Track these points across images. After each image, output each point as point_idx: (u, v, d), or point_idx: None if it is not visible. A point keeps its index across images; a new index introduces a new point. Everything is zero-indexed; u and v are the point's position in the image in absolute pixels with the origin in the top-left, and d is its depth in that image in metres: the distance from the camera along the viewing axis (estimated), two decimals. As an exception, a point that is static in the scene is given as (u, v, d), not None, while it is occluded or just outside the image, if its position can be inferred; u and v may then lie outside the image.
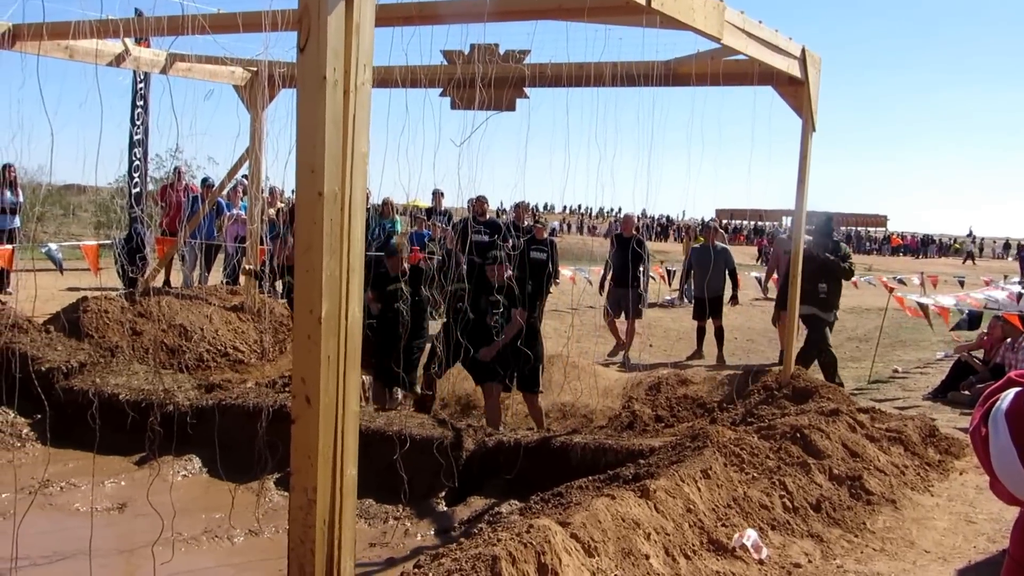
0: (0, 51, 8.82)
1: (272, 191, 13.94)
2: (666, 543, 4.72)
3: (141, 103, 14.78)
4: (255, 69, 10.47)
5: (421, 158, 5.69)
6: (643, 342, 12.36)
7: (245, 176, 13.31)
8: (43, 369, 8.68)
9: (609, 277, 12.57)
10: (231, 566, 5.83)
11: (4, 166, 13.63)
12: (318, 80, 3.80)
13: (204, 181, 15.51)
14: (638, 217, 14.17)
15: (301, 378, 4.02)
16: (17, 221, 13.95)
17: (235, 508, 6.64)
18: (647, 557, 4.47)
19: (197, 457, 7.63)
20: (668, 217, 63.73)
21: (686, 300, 17.63)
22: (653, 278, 18.31)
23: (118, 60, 9.67)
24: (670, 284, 21.89)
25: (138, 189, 15.28)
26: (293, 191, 15.75)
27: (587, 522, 4.26)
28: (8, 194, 13.59)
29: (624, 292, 11.83)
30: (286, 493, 6.99)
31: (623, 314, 11.97)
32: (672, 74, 8.68)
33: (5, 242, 13.16)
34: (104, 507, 6.73)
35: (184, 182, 15.62)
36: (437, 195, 15.06)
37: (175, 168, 17.03)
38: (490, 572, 3.68)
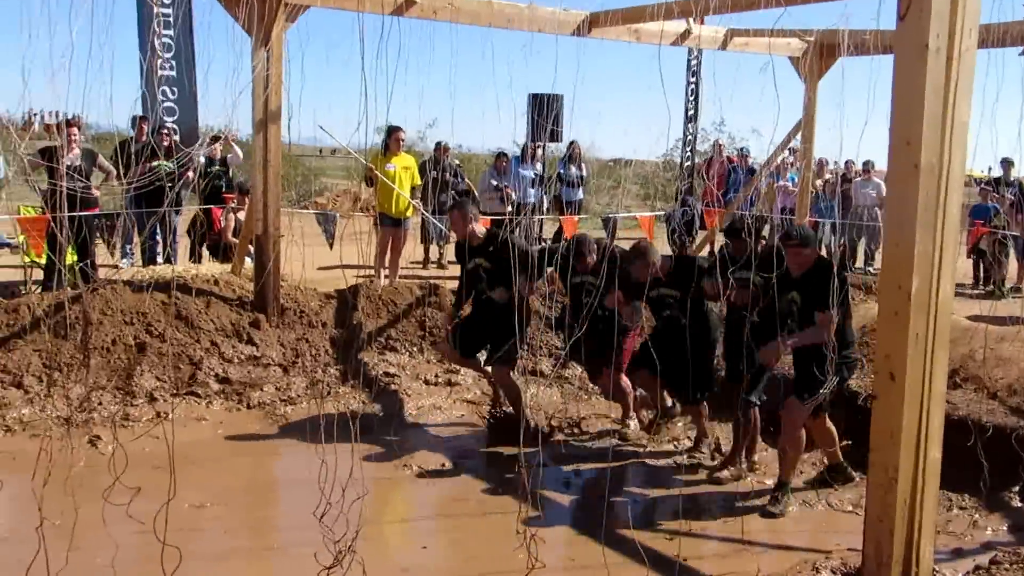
0: (580, 38, 9.61)
1: (820, 162, 13.79)
2: None
3: (694, 79, 15.40)
4: (811, 39, 10.37)
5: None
6: None
7: (790, 148, 13.33)
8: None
9: None
10: (787, 532, 5.92)
11: (570, 143, 15.03)
12: (919, 48, 3.68)
13: (740, 151, 15.77)
14: None
15: (886, 354, 3.97)
16: (581, 194, 15.30)
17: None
18: None
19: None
20: None
21: None
22: None
23: (680, 39, 10.13)
24: None
25: (690, 162, 16.02)
26: (836, 162, 15.48)
27: None
28: (574, 169, 14.93)
29: None
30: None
31: None
32: None
33: (573, 213, 14.53)
34: (657, 463, 7.20)
35: (724, 154, 16.04)
36: (1005, 164, 13.74)
37: (715, 142, 17.54)
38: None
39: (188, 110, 13.01)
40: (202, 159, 11.09)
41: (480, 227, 7.57)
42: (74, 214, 9.14)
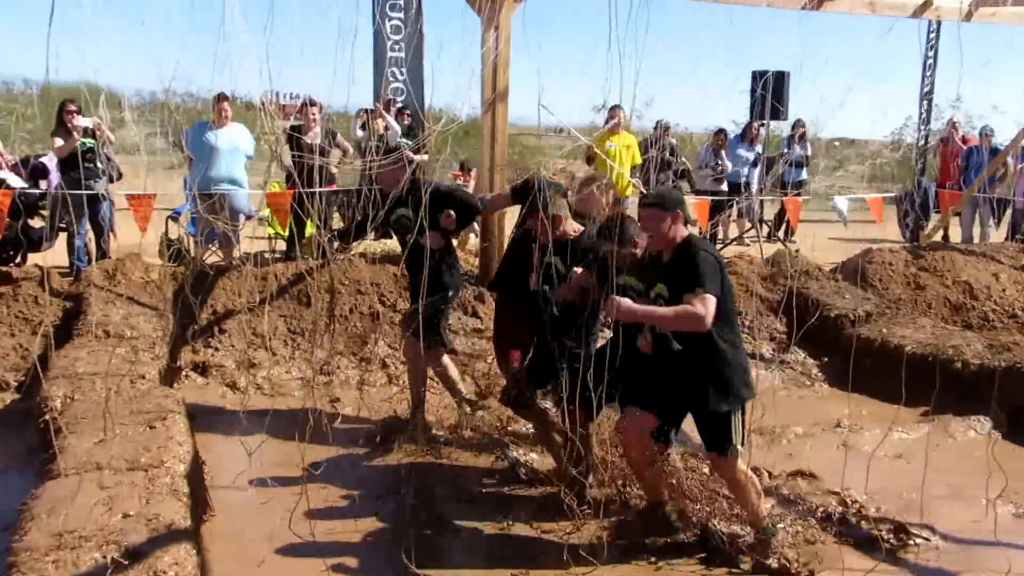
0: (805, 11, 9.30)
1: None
2: None
3: (931, 53, 14.62)
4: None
5: None
6: None
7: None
8: (832, 315, 9.19)
9: None
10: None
11: (796, 122, 14.57)
12: None
13: (982, 130, 14.83)
14: None
15: None
16: (804, 174, 14.82)
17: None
18: None
19: (986, 418, 7.38)
20: None
21: None
22: None
23: (919, 11, 9.66)
24: None
25: (924, 141, 15.25)
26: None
27: None
28: (798, 149, 14.49)
29: None
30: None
31: None
32: None
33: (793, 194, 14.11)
34: (885, 453, 6.87)
35: (960, 133, 15.15)
36: None
37: (950, 120, 16.56)
38: None
39: (416, 90, 13.51)
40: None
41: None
42: (315, 190, 9.71)
